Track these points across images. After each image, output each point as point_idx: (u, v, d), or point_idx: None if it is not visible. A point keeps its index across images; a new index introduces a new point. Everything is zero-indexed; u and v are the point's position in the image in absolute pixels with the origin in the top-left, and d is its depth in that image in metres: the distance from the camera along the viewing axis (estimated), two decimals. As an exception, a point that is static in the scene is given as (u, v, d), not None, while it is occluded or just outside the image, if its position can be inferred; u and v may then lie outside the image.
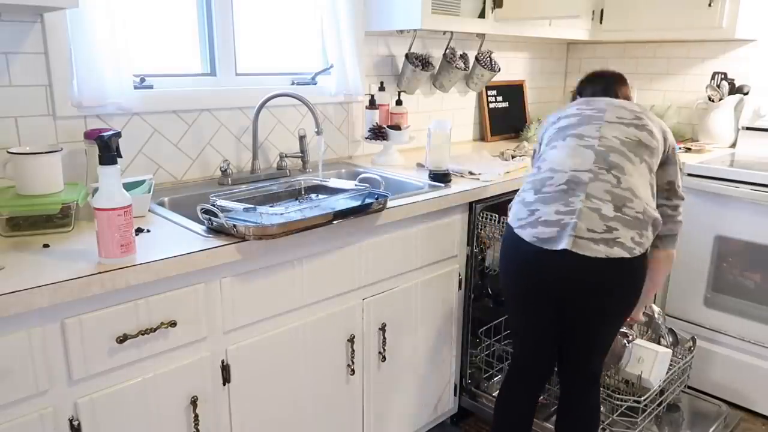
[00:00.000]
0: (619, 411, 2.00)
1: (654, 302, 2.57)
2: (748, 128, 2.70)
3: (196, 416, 1.37)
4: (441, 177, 1.98)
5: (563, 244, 1.41)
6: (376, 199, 1.63)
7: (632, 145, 1.52)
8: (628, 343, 2.02)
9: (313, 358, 1.61)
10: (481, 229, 2.07)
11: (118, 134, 1.26)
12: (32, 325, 1.10)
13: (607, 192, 1.44)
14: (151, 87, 1.84)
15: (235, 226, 1.34)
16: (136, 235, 1.34)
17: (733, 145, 2.80)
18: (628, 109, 1.58)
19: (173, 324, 1.29)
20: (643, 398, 1.93)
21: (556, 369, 1.71)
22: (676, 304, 2.52)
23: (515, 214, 1.53)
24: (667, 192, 1.65)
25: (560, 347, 1.66)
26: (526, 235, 1.47)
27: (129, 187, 1.54)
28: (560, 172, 1.49)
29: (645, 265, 1.48)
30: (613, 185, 1.45)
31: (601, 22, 2.92)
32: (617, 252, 1.40)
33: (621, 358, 2.01)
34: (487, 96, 3.00)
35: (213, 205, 1.38)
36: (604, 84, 1.72)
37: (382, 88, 2.39)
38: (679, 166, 1.65)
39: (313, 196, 1.83)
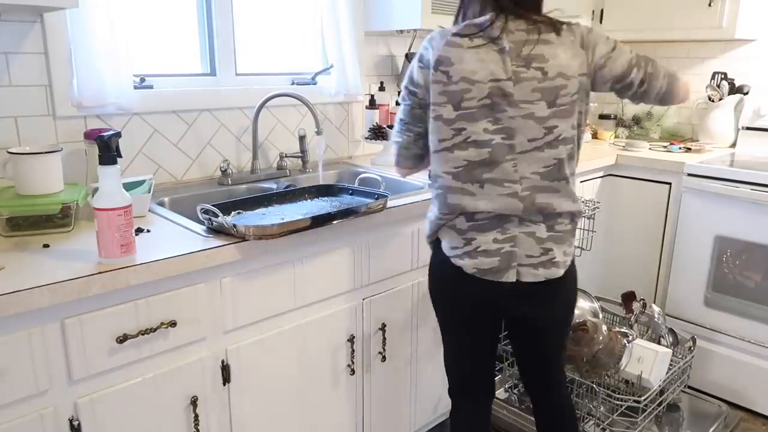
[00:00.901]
0: (619, 411, 2.00)
1: (654, 302, 2.57)
2: (748, 128, 2.70)
3: (196, 416, 1.37)
4: (441, 177, 1.98)
5: (508, 277, 1.35)
6: (376, 199, 1.63)
7: (553, 171, 1.35)
8: (628, 343, 2.02)
9: (313, 357, 1.61)
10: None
11: (118, 134, 1.26)
12: (32, 325, 1.10)
13: (539, 213, 1.35)
14: (151, 87, 1.84)
15: (235, 225, 1.34)
16: (136, 235, 1.34)
17: (733, 145, 2.80)
18: (537, 118, 1.31)
19: (173, 324, 1.29)
20: (643, 398, 1.93)
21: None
22: (676, 304, 2.52)
23: (449, 242, 1.38)
24: (627, 83, 1.41)
25: (520, 361, 1.62)
26: (466, 266, 1.35)
27: (129, 187, 1.54)
28: (489, 209, 1.33)
29: (575, 267, 1.46)
30: (542, 206, 1.36)
31: (601, 22, 2.92)
32: (554, 272, 1.38)
33: (621, 358, 2.01)
34: (487, 96, 2.99)
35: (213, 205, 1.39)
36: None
37: (382, 88, 2.40)
38: (622, 50, 1.39)
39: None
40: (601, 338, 2.00)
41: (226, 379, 1.42)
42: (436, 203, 1.41)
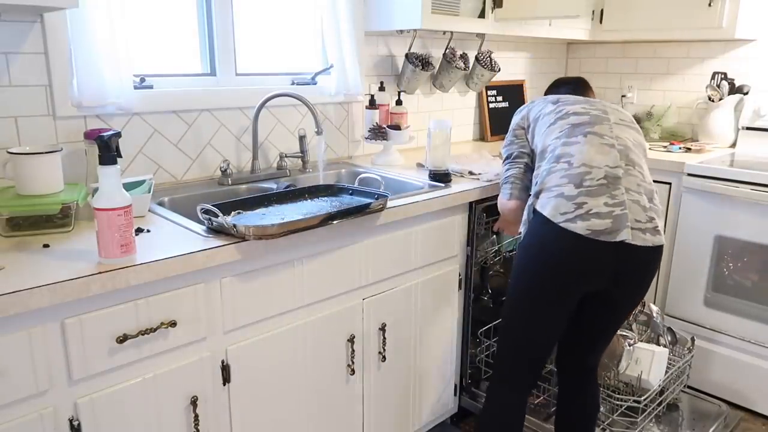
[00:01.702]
0: (619, 411, 2.00)
1: (654, 302, 2.57)
2: (748, 128, 2.70)
3: (196, 416, 1.37)
4: (441, 177, 1.98)
5: (623, 236, 1.43)
6: (376, 199, 1.63)
7: (638, 146, 1.60)
8: (630, 345, 2.02)
9: (313, 358, 1.61)
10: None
11: (118, 134, 1.26)
12: (32, 325, 1.10)
13: (639, 185, 1.50)
14: (151, 87, 1.84)
15: (235, 225, 1.34)
16: (136, 235, 1.34)
17: (733, 145, 2.80)
18: (622, 112, 1.68)
19: (173, 324, 1.29)
20: (642, 398, 1.93)
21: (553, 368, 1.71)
22: (675, 303, 2.52)
23: (556, 209, 1.46)
24: None
25: (569, 342, 1.69)
26: (579, 228, 1.43)
27: (129, 187, 1.54)
28: (596, 168, 1.49)
29: None
30: (640, 180, 1.51)
31: (601, 22, 2.92)
32: (658, 240, 1.49)
33: (621, 360, 2.01)
34: (487, 96, 3.00)
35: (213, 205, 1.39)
36: (578, 86, 1.89)
37: (382, 88, 2.40)
38: None
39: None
40: (601, 338, 2.00)
41: (226, 379, 1.42)
42: (545, 167, 1.57)
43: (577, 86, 1.86)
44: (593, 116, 1.60)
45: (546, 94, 1.93)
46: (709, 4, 2.54)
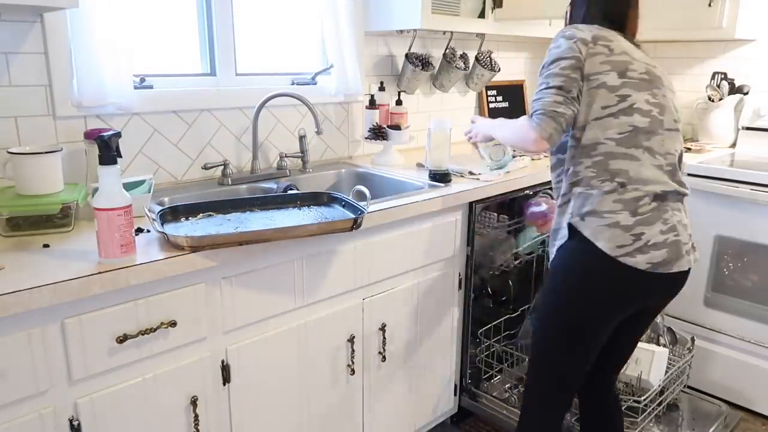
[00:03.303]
0: (619, 411, 2.00)
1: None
2: (748, 128, 2.70)
3: (196, 416, 1.37)
4: (441, 177, 1.98)
5: (681, 265, 1.37)
6: (359, 213, 1.50)
7: (681, 155, 1.48)
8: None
9: (313, 358, 1.61)
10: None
11: (118, 134, 1.26)
12: (32, 325, 1.10)
13: (678, 201, 1.42)
14: (151, 87, 1.84)
15: (165, 233, 1.28)
16: (136, 235, 1.34)
17: (733, 145, 2.80)
18: (675, 107, 1.46)
19: (173, 324, 1.29)
20: (642, 398, 1.93)
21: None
22: (675, 303, 2.52)
23: (612, 241, 1.34)
24: None
25: (605, 361, 1.61)
26: (639, 262, 1.33)
27: (129, 187, 1.54)
28: (648, 189, 1.37)
29: None
30: (681, 184, 1.43)
31: (601, 22, 2.91)
32: (696, 256, 1.44)
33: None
34: (487, 96, 3.00)
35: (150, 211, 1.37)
36: (624, 17, 1.53)
37: (382, 88, 2.39)
38: None
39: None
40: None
41: (226, 379, 1.42)
42: (592, 171, 1.37)
43: (631, 36, 1.51)
44: (653, 119, 1.38)
45: (589, 14, 1.50)
46: (709, 4, 2.54)
